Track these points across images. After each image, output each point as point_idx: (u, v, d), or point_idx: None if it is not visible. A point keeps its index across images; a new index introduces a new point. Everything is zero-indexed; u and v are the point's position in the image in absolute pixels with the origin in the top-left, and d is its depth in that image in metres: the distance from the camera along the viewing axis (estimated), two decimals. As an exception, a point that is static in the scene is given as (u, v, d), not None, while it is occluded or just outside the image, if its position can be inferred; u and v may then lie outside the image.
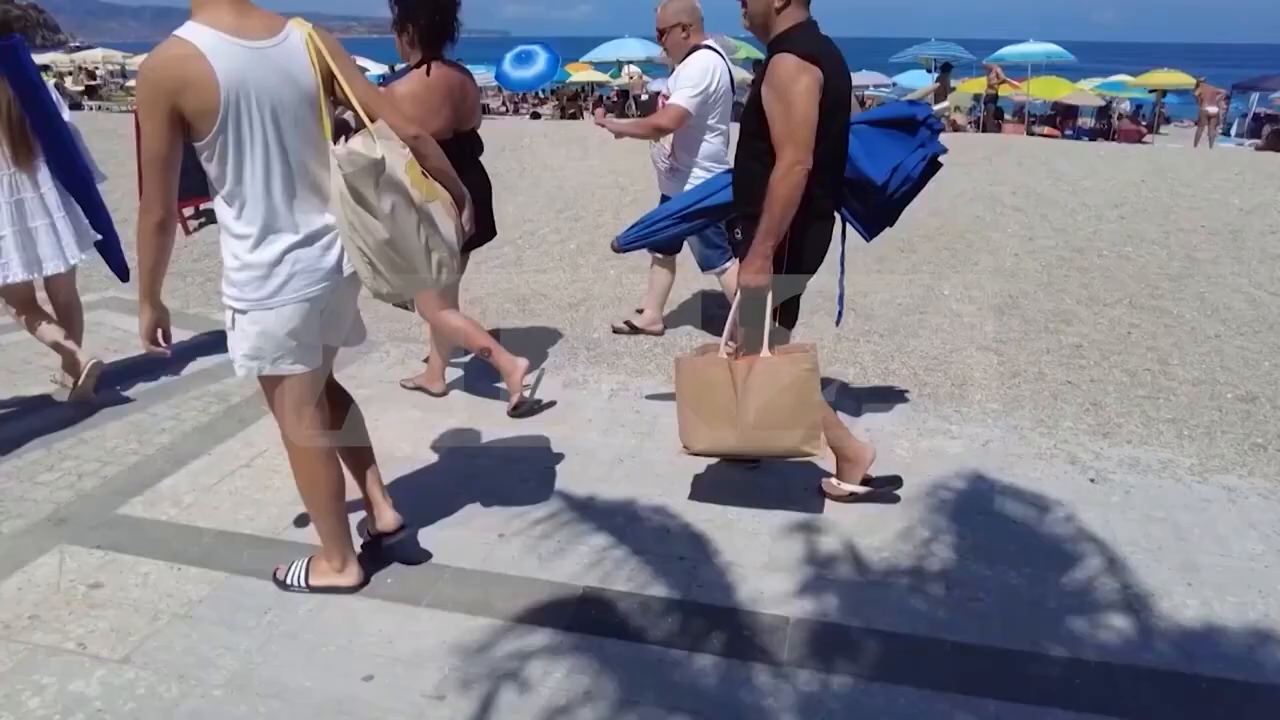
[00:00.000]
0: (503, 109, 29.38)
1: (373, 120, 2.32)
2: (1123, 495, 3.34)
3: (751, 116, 2.94)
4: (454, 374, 4.42)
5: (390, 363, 4.61)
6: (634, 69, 27.28)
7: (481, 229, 3.65)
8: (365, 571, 2.74)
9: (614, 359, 4.65)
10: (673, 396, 3.16)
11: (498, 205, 3.86)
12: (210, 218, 8.08)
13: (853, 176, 3.14)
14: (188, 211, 7.68)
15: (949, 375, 4.46)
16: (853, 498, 3.24)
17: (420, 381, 4.22)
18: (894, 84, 29.51)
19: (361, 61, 28.47)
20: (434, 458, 3.58)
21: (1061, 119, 22.93)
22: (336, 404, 2.75)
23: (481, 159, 3.85)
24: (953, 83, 22.02)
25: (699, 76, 4.25)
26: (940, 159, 3.25)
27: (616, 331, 5.04)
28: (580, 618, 2.58)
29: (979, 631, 2.56)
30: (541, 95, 29.69)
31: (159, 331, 2.43)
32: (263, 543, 2.96)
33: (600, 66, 29.31)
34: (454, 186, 2.53)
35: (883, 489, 3.25)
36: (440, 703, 2.25)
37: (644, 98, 22.95)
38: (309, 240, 2.34)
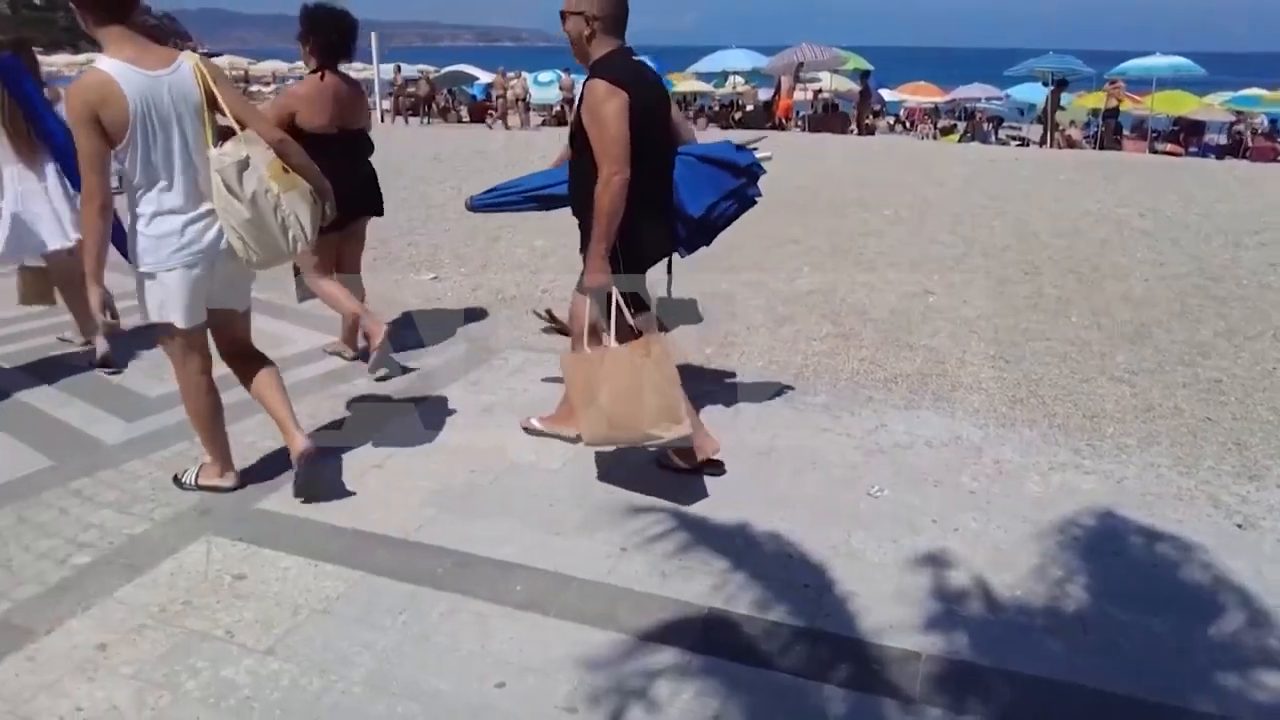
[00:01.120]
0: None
1: (244, 129, 3.00)
2: (1275, 543, 3.15)
3: (579, 135, 3.26)
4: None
5: (510, 370, 4.70)
6: (739, 79, 27.26)
7: (372, 204, 4.62)
8: (241, 480, 3.40)
9: (727, 375, 4.64)
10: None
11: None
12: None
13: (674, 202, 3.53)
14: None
15: (1079, 406, 4.29)
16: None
17: (333, 346, 4.82)
18: (1006, 96, 28.68)
19: (470, 70, 29.19)
20: (555, 466, 3.63)
21: (1185, 135, 21.87)
22: (252, 359, 3.39)
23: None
24: (1068, 98, 21.26)
25: None
26: (756, 200, 3.73)
27: (540, 318, 5.20)
28: (706, 639, 2.58)
29: (1120, 679, 2.45)
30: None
31: (107, 309, 2.99)
32: (395, 543, 3.06)
33: (704, 77, 29.36)
34: (315, 179, 3.17)
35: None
36: (572, 715, 2.27)
37: (750, 108, 22.88)
38: (193, 220, 2.99)
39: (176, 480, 3.41)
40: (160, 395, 4.31)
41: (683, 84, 30.47)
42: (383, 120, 20.89)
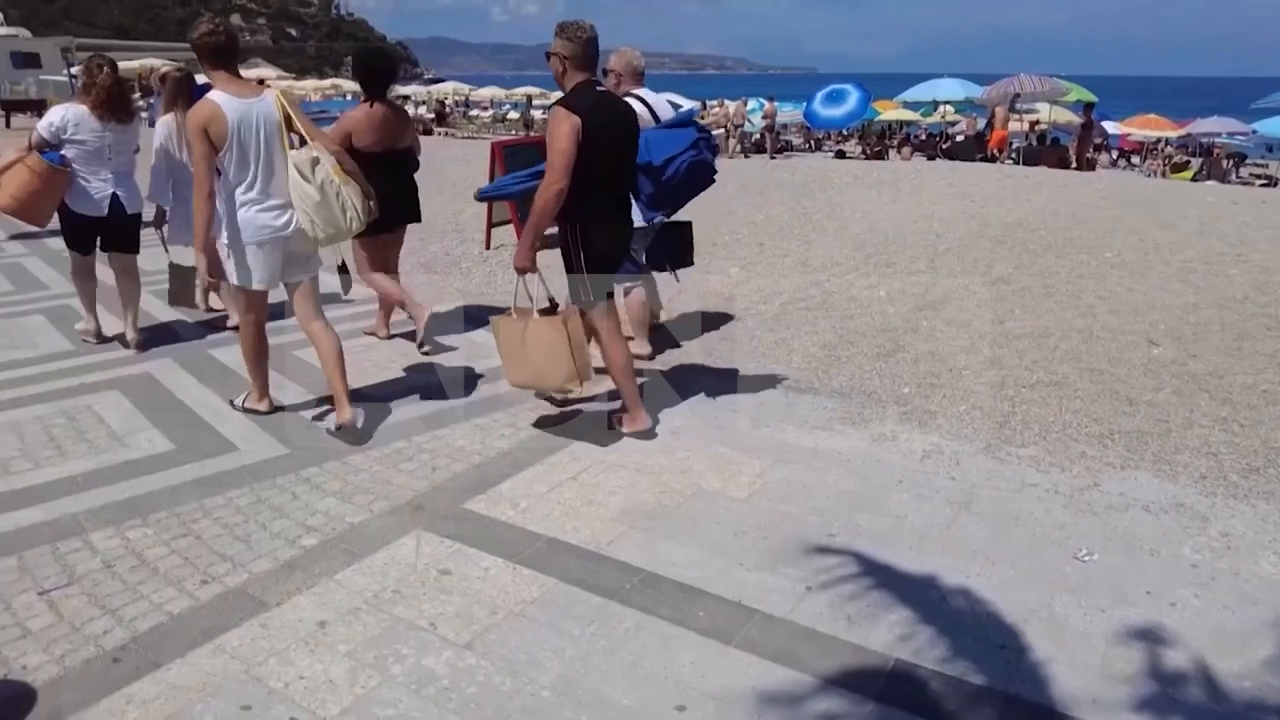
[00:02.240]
0: (805, 147, 29.46)
1: (313, 140, 4.00)
2: None
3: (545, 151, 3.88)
4: (798, 414, 4.49)
5: (698, 393, 4.76)
6: (949, 109, 26.42)
7: (409, 213, 5.51)
8: (274, 407, 4.45)
9: (927, 417, 4.48)
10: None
11: (805, 247, 4.40)
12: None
13: (641, 163, 4.22)
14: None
15: (1328, 482, 3.84)
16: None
17: (370, 328, 5.74)
18: (1253, 131, 26.10)
19: (672, 98, 29.66)
20: (741, 495, 3.65)
21: None
22: (320, 330, 4.23)
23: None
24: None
25: None
26: (714, 170, 4.52)
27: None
28: (892, 691, 2.51)
29: (1370, 799, 2.18)
30: (845, 133, 29.49)
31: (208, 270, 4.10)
32: (587, 555, 3.17)
33: (912, 105, 28.64)
34: (361, 184, 4.08)
35: None
36: (751, 749, 2.28)
37: (961, 138, 22.08)
38: (269, 209, 4.01)
39: (231, 403, 4.49)
40: (381, 397, 4.69)
41: (889, 112, 29.85)
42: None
